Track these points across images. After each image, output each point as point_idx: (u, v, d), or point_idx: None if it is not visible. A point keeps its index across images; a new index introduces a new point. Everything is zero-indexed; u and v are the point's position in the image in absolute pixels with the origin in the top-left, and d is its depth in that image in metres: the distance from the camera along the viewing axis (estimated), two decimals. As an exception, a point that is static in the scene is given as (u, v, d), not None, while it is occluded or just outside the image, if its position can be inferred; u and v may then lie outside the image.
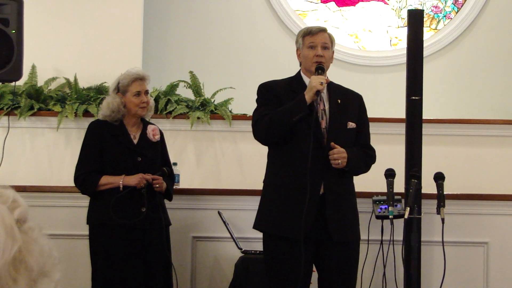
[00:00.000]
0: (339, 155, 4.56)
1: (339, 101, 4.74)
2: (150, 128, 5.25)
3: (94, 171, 5.09)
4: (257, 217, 4.77)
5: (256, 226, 4.78)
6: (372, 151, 4.86)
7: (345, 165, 4.59)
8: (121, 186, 5.02)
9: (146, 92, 5.22)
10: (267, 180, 4.80)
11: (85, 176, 5.10)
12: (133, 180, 5.03)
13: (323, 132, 4.64)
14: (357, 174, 4.80)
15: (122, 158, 5.10)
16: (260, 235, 4.75)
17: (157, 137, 5.25)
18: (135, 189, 5.01)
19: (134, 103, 5.16)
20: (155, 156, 5.22)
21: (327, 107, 4.70)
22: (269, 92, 4.77)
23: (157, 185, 5.09)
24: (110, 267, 5.00)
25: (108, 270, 5.01)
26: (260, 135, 4.74)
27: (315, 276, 4.79)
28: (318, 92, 4.50)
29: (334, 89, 4.79)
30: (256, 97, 4.80)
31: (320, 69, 4.64)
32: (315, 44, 4.72)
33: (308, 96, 4.51)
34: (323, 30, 4.82)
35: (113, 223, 4.98)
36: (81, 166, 5.15)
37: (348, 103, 4.77)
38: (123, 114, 5.19)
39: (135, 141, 5.18)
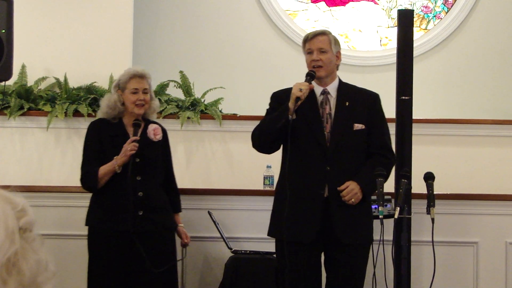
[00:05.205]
0: (349, 196, 4.58)
1: (347, 103, 4.72)
2: (151, 127, 5.13)
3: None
4: (270, 223, 4.83)
5: (268, 232, 4.84)
6: (388, 153, 4.81)
7: (361, 197, 4.61)
8: (117, 169, 4.96)
9: (145, 90, 5.10)
10: (276, 185, 4.87)
11: (85, 174, 5.06)
12: (123, 156, 4.94)
13: (326, 136, 4.64)
14: None
15: None
16: (251, 235, 4.76)
17: (159, 136, 5.13)
18: (129, 192, 4.96)
19: (130, 101, 5.05)
20: (155, 156, 5.11)
21: (333, 110, 4.70)
22: (275, 101, 4.80)
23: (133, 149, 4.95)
24: (106, 269, 4.95)
25: (103, 273, 4.96)
26: (254, 144, 4.79)
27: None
28: (298, 99, 4.50)
29: (345, 92, 4.77)
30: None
31: (309, 76, 4.64)
32: (311, 49, 4.74)
33: (290, 103, 4.53)
34: (319, 34, 4.79)
35: (111, 227, 4.96)
36: (83, 167, 5.10)
37: (357, 104, 4.74)
38: (119, 111, 5.10)
39: None
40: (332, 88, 4.76)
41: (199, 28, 7.81)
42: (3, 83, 5.46)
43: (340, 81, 4.81)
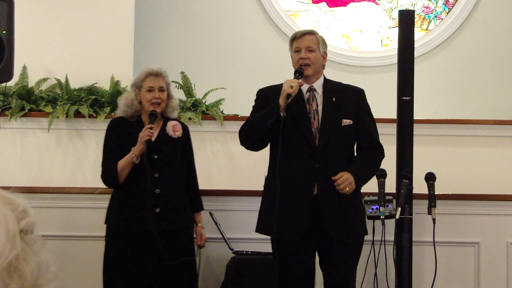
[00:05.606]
0: (344, 184, 4.59)
1: (334, 99, 4.76)
2: (170, 124, 5.14)
3: None
4: (257, 220, 4.84)
5: (256, 229, 4.86)
6: (378, 146, 4.87)
7: (355, 186, 4.63)
8: (135, 160, 4.95)
9: (161, 88, 5.13)
10: (265, 182, 4.87)
11: (105, 170, 5.06)
12: (139, 145, 4.94)
13: (314, 133, 4.66)
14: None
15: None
16: (252, 236, 4.76)
17: (178, 133, 5.13)
18: (145, 190, 4.95)
19: (146, 99, 5.08)
20: (173, 153, 5.11)
21: (320, 107, 4.73)
22: (261, 98, 4.86)
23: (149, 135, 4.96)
24: (123, 267, 4.95)
25: (120, 270, 4.96)
26: (243, 140, 4.83)
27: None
28: (288, 96, 4.53)
29: (330, 88, 4.82)
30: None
31: (298, 73, 4.69)
32: (299, 48, 4.80)
33: (280, 100, 4.55)
34: (308, 33, 4.87)
35: (128, 225, 4.96)
36: (103, 164, 5.12)
37: (344, 99, 4.78)
38: (136, 109, 5.12)
39: (153, 138, 5.04)
40: (318, 85, 4.82)
41: (200, 29, 7.81)
42: (4, 84, 5.46)
43: (325, 78, 4.87)
